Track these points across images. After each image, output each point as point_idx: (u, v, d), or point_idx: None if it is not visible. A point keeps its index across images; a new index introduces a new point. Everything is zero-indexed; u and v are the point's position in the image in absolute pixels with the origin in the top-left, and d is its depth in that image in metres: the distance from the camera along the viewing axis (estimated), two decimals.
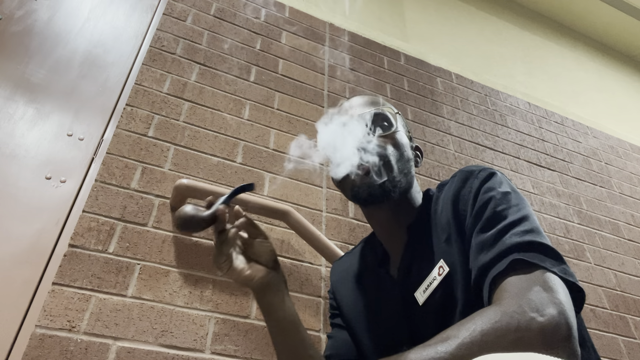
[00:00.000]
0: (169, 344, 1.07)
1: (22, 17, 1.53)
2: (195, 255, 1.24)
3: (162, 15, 1.76)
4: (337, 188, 0.93)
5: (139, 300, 1.10)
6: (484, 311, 0.58)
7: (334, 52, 2.10)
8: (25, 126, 1.31)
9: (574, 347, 0.55)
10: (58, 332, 0.99)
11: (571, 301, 0.59)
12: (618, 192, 2.45)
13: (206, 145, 1.48)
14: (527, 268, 0.62)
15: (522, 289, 0.59)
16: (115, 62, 1.58)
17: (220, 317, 1.16)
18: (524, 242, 0.65)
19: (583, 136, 2.67)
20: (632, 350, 1.75)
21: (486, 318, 0.56)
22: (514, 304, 0.57)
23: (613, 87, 3.28)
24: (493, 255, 0.65)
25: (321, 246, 1.28)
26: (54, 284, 1.05)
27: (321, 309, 1.30)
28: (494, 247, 0.66)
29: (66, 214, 1.20)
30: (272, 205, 1.26)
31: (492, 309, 0.58)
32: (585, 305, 1.84)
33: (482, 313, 0.58)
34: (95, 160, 1.34)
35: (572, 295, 0.60)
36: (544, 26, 3.37)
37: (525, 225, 0.68)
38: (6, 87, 1.35)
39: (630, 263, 2.10)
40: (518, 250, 0.64)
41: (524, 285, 0.60)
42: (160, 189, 1.31)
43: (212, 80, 1.66)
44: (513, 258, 0.63)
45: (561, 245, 1.97)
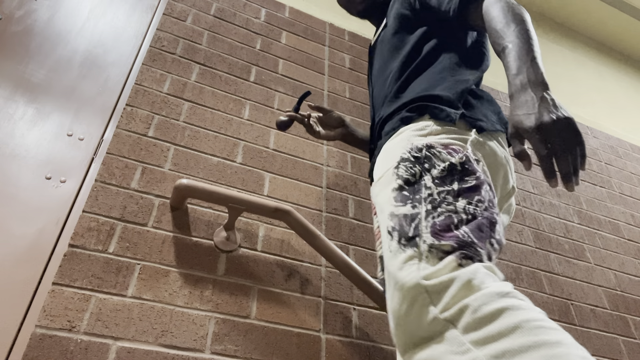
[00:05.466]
0: (169, 344, 1.07)
1: (22, 17, 1.53)
2: (195, 255, 1.24)
3: (162, 15, 1.76)
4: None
5: (139, 300, 1.10)
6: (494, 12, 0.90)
7: (334, 52, 2.10)
8: (25, 126, 1.31)
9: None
10: (58, 332, 0.99)
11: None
12: (618, 192, 2.45)
13: (206, 145, 1.48)
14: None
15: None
16: (115, 62, 1.58)
17: (220, 317, 1.16)
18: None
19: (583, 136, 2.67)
20: (632, 350, 1.75)
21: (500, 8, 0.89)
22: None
23: (613, 87, 3.28)
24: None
25: (321, 246, 1.27)
26: (54, 284, 1.05)
27: (321, 309, 1.30)
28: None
29: (66, 214, 1.20)
30: (272, 205, 1.26)
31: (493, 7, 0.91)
32: (585, 305, 1.85)
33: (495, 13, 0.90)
34: (95, 160, 1.34)
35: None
36: (544, 26, 3.37)
37: None
38: (6, 87, 1.35)
39: (630, 263, 2.10)
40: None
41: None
42: (160, 189, 1.31)
43: (212, 80, 1.66)
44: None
45: (561, 246, 1.97)
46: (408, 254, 0.74)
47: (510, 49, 0.81)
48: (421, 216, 0.78)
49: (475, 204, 0.77)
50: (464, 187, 0.79)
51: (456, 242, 0.72)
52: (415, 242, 0.75)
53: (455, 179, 0.80)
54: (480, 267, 0.69)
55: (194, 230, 1.28)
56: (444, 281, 0.68)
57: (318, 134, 1.36)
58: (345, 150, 1.76)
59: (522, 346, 0.57)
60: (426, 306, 0.67)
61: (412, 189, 0.82)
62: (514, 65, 0.79)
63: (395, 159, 0.88)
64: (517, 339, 0.57)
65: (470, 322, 0.62)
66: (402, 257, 0.75)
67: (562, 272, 1.87)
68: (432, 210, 0.77)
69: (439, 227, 0.75)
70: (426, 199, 0.79)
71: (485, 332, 0.60)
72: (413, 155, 0.86)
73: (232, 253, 1.28)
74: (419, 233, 0.75)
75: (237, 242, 1.30)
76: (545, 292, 1.75)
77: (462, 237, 0.73)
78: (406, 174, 0.85)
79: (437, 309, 0.66)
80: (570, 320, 1.72)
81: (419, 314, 0.68)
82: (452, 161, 0.83)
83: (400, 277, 0.73)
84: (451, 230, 0.74)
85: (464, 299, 0.65)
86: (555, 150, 0.69)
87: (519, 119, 0.73)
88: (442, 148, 0.86)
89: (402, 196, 0.82)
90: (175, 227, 1.26)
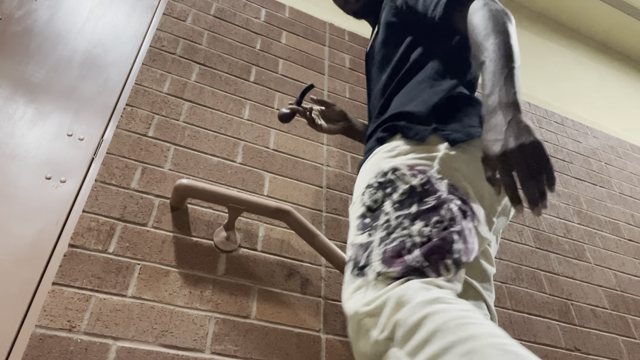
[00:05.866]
0: (169, 344, 1.07)
1: (22, 17, 1.53)
2: (195, 255, 1.24)
3: (162, 15, 1.76)
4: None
5: (139, 300, 1.10)
6: (476, 22, 0.88)
7: (334, 52, 2.10)
8: (25, 126, 1.31)
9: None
10: (58, 332, 0.99)
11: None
12: (618, 192, 2.45)
13: (206, 145, 1.48)
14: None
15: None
16: (115, 62, 1.58)
17: (220, 317, 1.16)
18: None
19: (583, 136, 2.67)
20: (632, 350, 1.75)
21: (482, 19, 0.86)
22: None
23: (613, 87, 3.28)
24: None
25: (321, 246, 1.27)
26: (54, 284, 1.05)
27: (321, 309, 1.30)
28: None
29: (66, 214, 1.20)
30: (272, 205, 1.26)
31: (476, 20, 0.88)
32: (585, 305, 1.85)
33: (477, 23, 0.87)
34: (95, 160, 1.34)
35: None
36: (544, 26, 3.37)
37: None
38: (6, 87, 1.35)
39: (630, 263, 2.10)
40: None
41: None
42: (160, 189, 1.31)
43: (212, 80, 1.66)
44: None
45: (561, 246, 1.97)
46: (357, 283, 0.76)
47: (487, 66, 0.80)
48: (374, 244, 0.78)
49: (432, 225, 0.77)
50: (422, 209, 0.79)
51: (403, 268, 0.72)
52: (364, 272, 0.76)
53: (415, 202, 0.80)
54: (413, 283, 0.70)
55: (194, 230, 1.28)
56: (379, 304, 0.69)
57: (320, 127, 1.36)
58: (345, 150, 1.76)
59: (442, 348, 0.58)
60: (368, 331, 0.69)
61: (373, 216, 0.83)
62: (488, 84, 0.78)
63: (364, 184, 0.90)
64: (437, 343, 0.59)
65: (402, 336, 0.64)
66: (352, 287, 0.76)
67: (562, 272, 1.87)
68: (385, 237, 0.78)
69: (389, 254, 0.75)
70: (382, 225, 0.80)
71: (414, 343, 0.62)
72: (378, 181, 0.87)
73: (232, 253, 1.28)
74: (369, 262, 0.76)
75: (237, 242, 1.30)
76: (545, 292, 1.75)
77: (409, 262, 0.73)
78: (369, 200, 0.85)
79: (377, 331, 0.68)
80: (570, 320, 1.72)
81: (365, 339, 0.70)
82: (412, 184, 0.83)
83: (346, 307, 0.75)
84: (401, 255, 0.74)
85: (395, 316, 0.66)
86: (520, 177, 0.69)
87: (487, 145, 0.73)
88: (407, 170, 0.85)
89: (363, 224, 0.84)
90: (175, 227, 1.26)
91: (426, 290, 0.68)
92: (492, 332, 0.59)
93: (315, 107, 1.39)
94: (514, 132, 0.71)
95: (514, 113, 0.73)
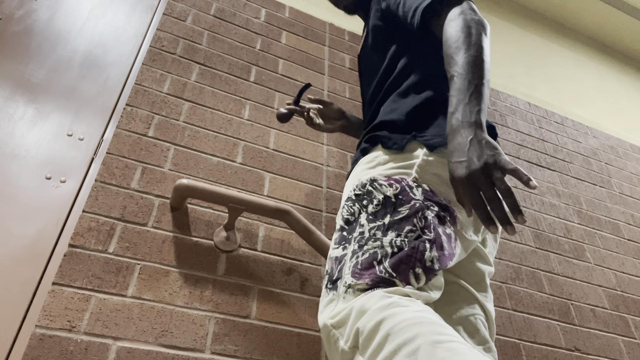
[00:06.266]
0: (169, 344, 1.07)
1: (22, 17, 1.53)
2: (195, 255, 1.24)
3: (162, 15, 1.76)
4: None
5: (139, 300, 1.10)
6: (450, 33, 0.87)
7: (334, 52, 2.10)
8: (25, 126, 1.31)
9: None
10: (58, 332, 0.99)
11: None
12: (618, 192, 2.45)
13: (206, 145, 1.48)
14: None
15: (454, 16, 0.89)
16: (115, 62, 1.58)
17: (220, 317, 1.16)
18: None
19: (583, 136, 2.67)
20: (632, 350, 1.75)
21: (455, 31, 0.86)
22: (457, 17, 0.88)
23: (613, 87, 3.28)
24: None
25: (321, 246, 1.27)
26: (54, 284, 1.05)
27: None
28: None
29: (66, 214, 1.20)
30: (272, 205, 1.26)
31: (451, 27, 0.87)
32: (585, 305, 1.85)
33: (450, 33, 0.86)
34: (95, 160, 1.34)
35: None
36: (544, 26, 3.37)
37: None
38: (6, 87, 1.35)
39: (630, 263, 2.10)
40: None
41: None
42: (160, 189, 1.31)
43: (212, 80, 1.66)
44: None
45: (561, 246, 1.97)
46: (329, 297, 0.77)
47: (454, 82, 0.79)
48: (347, 257, 0.79)
49: (404, 234, 0.77)
50: (395, 219, 0.79)
51: (372, 279, 0.73)
52: (336, 285, 0.77)
53: (389, 212, 0.80)
54: (377, 292, 0.70)
55: (194, 230, 1.28)
56: (344, 315, 0.70)
57: (318, 126, 1.36)
58: (345, 150, 1.76)
59: (391, 351, 0.59)
60: (337, 342, 0.70)
61: (350, 229, 0.83)
62: (453, 101, 0.78)
63: (344, 197, 0.91)
64: (389, 346, 0.60)
65: (363, 343, 0.65)
66: (325, 301, 0.78)
67: (562, 272, 1.87)
68: (357, 250, 0.78)
69: (360, 266, 0.75)
70: (356, 238, 0.80)
71: (372, 349, 0.63)
72: (355, 194, 0.87)
73: (232, 253, 1.28)
74: (341, 275, 0.77)
75: (237, 242, 1.30)
76: (545, 292, 1.75)
77: (379, 273, 0.73)
78: (347, 214, 0.86)
79: (343, 340, 0.69)
80: (570, 320, 1.72)
81: (335, 350, 0.71)
82: (386, 194, 0.83)
83: (319, 320, 0.76)
84: (373, 267, 0.75)
85: (356, 324, 0.67)
86: (486, 197, 0.69)
87: (452, 167, 0.73)
88: (384, 180, 0.85)
89: (340, 237, 0.84)
90: (175, 227, 1.26)
91: (387, 297, 0.68)
92: (434, 330, 0.59)
93: (313, 106, 1.39)
94: (476, 152, 0.71)
95: (475, 131, 0.73)
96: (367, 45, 1.19)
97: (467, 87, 0.77)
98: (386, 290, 0.70)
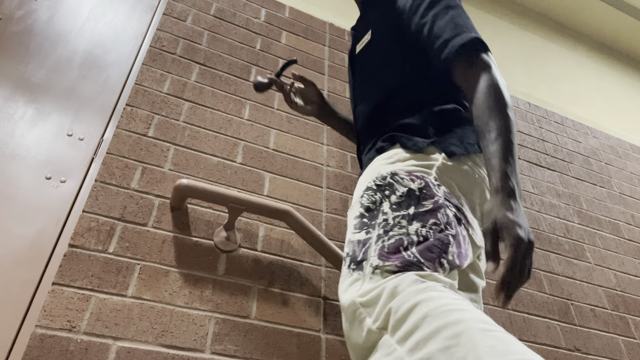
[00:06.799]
0: (169, 344, 1.07)
1: (22, 17, 1.53)
2: (195, 255, 1.24)
3: (162, 15, 1.76)
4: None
5: (139, 300, 1.10)
6: (479, 100, 0.87)
7: (334, 52, 2.10)
8: (25, 126, 1.31)
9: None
10: (58, 332, 0.99)
11: (490, 59, 0.92)
12: (618, 192, 2.45)
13: (206, 145, 1.48)
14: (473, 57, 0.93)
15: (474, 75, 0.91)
16: (115, 62, 1.58)
17: (220, 317, 1.16)
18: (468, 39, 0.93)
19: (583, 136, 2.67)
20: (632, 350, 1.75)
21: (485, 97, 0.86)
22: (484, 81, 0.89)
23: (613, 87, 3.28)
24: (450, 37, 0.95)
25: (321, 246, 1.27)
26: (54, 284, 1.05)
27: (321, 309, 1.30)
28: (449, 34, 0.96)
29: (66, 214, 1.20)
30: (272, 205, 1.26)
31: (480, 93, 0.87)
32: (585, 305, 1.85)
33: (480, 101, 0.87)
34: (95, 160, 1.34)
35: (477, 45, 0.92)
36: (544, 26, 3.37)
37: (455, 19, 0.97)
38: (6, 87, 1.35)
39: (630, 263, 2.10)
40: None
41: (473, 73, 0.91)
42: (160, 189, 1.31)
43: (212, 80, 1.66)
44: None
45: (561, 246, 1.97)
46: (354, 277, 0.77)
47: (490, 151, 0.81)
48: (372, 240, 0.80)
49: (429, 226, 0.79)
50: (420, 211, 0.81)
51: (401, 262, 0.74)
52: (361, 266, 0.77)
53: (413, 204, 0.82)
54: (409, 275, 0.71)
55: (194, 230, 1.28)
56: (375, 295, 0.71)
57: (295, 105, 1.32)
58: (345, 150, 1.76)
59: (430, 333, 0.60)
60: (362, 321, 0.71)
61: (371, 216, 0.85)
62: (505, 163, 0.79)
63: (362, 188, 0.92)
64: (426, 328, 0.60)
65: (394, 324, 0.65)
66: (349, 281, 0.78)
67: (562, 272, 1.87)
68: (383, 235, 0.79)
69: (387, 250, 0.77)
70: (380, 224, 0.81)
71: (404, 329, 0.63)
72: (376, 184, 0.89)
73: (232, 253, 1.28)
74: (366, 257, 0.78)
75: (237, 242, 1.30)
76: (545, 292, 1.75)
77: (407, 257, 0.74)
78: (367, 201, 0.87)
79: (371, 320, 0.69)
80: (570, 320, 1.72)
81: (359, 329, 0.71)
82: (411, 187, 0.85)
83: (343, 298, 0.77)
84: (399, 252, 0.76)
85: (388, 305, 0.68)
86: (521, 268, 0.73)
87: (508, 223, 0.74)
88: (405, 175, 0.88)
89: (361, 223, 0.85)
90: (175, 227, 1.26)
91: (421, 281, 0.69)
92: (479, 318, 0.60)
93: (295, 84, 1.34)
94: (526, 227, 0.74)
95: (519, 205, 0.77)
96: (370, 49, 1.14)
97: (512, 162, 0.80)
98: (418, 273, 0.71)
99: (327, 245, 1.27)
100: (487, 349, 0.54)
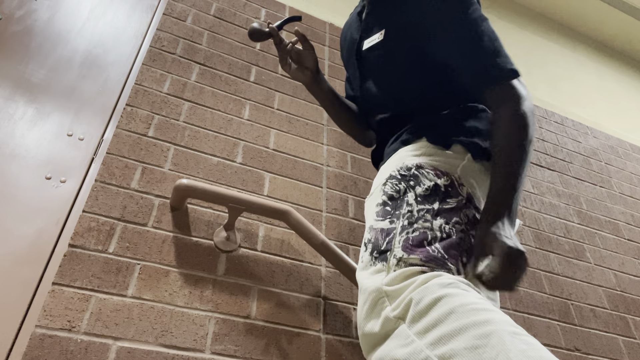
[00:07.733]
0: (169, 344, 1.07)
1: (22, 17, 1.53)
2: (195, 255, 1.24)
3: (162, 15, 1.76)
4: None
5: (139, 300, 1.10)
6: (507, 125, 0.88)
7: (334, 52, 2.10)
8: (25, 126, 1.31)
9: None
10: (58, 332, 0.99)
11: (523, 89, 0.93)
12: (618, 192, 2.45)
13: (206, 145, 1.48)
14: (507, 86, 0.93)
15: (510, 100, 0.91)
16: (115, 62, 1.58)
17: (220, 317, 1.16)
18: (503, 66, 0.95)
19: (583, 136, 2.67)
20: (632, 350, 1.75)
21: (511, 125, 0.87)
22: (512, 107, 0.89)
23: (613, 87, 3.28)
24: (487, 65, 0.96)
25: (321, 246, 1.27)
26: (54, 284, 1.05)
27: (321, 309, 1.30)
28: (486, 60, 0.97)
29: (66, 214, 1.20)
30: (272, 205, 1.26)
31: (507, 120, 0.88)
32: (585, 305, 1.84)
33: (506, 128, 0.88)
34: (95, 160, 1.34)
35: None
36: (544, 26, 3.37)
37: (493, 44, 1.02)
38: (6, 87, 1.35)
39: (630, 263, 2.10)
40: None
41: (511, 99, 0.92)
42: (160, 189, 1.31)
43: (212, 80, 1.66)
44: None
45: (561, 246, 1.97)
46: (377, 267, 0.78)
47: (508, 173, 0.82)
48: (396, 231, 0.81)
49: (452, 224, 0.80)
50: (444, 208, 0.82)
51: (425, 256, 0.75)
52: (385, 256, 0.78)
53: (437, 199, 0.83)
54: (441, 274, 0.72)
55: (194, 230, 1.28)
56: (401, 287, 0.71)
57: (289, 67, 1.23)
58: (345, 150, 1.76)
59: (455, 329, 0.60)
60: (383, 308, 0.72)
61: (395, 205, 0.85)
62: (505, 191, 0.81)
63: (385, 176, 0.92)
64: (451, 324, 0.61)
65: (414, 315, 0.66)
66: (372, 270, 0.79)
67: (562, 272, 1.87)
68: (407, 226, 0.80)
69: (412, 242, 0.77)
70: (404, 215, 0.82)
71: (425, 322, 0.64)
72: (401, 174, 0.89)
73: (232, 253, 1.28)
74: (390, 247, 0.78)
75: (237, 242, 1.30)
76: (545, 292, 1.75)
77: (431, 252, 0.75)
78: (391, 190, 0.88)
79: (390, 308, 0.70)
80: (570, 320, 1.72)
81: (377, 315, 0.72)
82: (437, 182, 0.85)
83: (367, 284, 0.77)
84: (423, 245, 0.77)
85: (410, 294, 0.68)
86: (517, 276, 0.73)
87: (494, 235, 0.74)
88: (430, 169, 0.88)
89: (384, 211, 0.86)
90: (175, 227, 1.26)
91: (447, 277, 0.70)
92: (508, 321, 0.61)
93: (294, 45, 1.23)
94: (515, 238, 0.76)
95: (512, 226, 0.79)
96: (386, 46, 1.09)
97: (518, 186, 0.83)
98: (447, 276, 0.72)
99: (327, 245, 1.27)
100: (518, 353, 0.55)
